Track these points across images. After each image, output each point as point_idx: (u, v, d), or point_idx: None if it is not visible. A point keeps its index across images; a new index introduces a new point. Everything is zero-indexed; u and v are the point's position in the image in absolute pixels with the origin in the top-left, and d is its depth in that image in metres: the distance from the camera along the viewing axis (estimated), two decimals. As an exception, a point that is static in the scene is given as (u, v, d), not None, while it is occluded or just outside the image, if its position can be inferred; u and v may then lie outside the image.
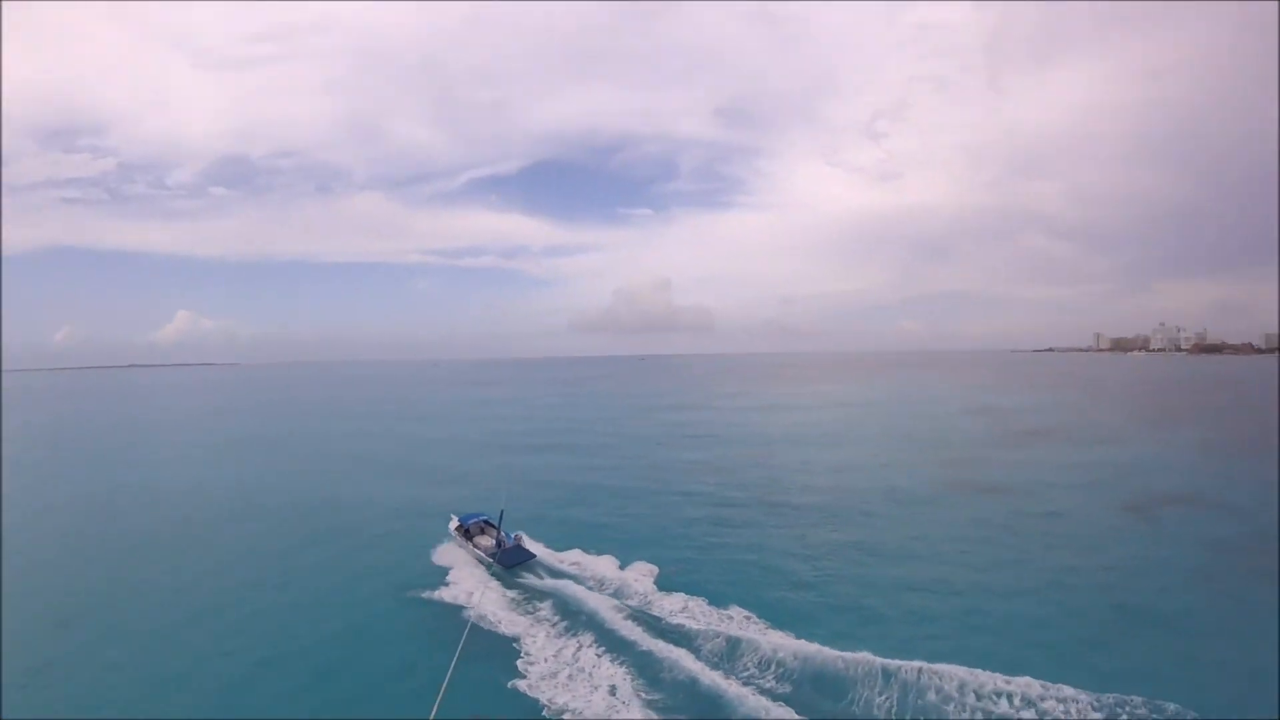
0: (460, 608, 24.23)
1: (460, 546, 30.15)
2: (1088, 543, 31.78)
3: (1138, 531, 33.76)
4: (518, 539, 28.73)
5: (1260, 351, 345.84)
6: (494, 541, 28.97)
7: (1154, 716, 16.50)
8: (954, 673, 18.33)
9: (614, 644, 21.03)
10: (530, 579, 26.75)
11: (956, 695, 17.63)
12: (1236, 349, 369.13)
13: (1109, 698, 17.18)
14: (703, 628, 21.78)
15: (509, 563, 27.19)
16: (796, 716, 16.95)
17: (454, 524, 31.89)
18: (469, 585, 26.24)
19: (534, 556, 27.89)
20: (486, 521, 31.56)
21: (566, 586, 25.55)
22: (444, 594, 25.60)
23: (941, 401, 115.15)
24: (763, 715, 17.16)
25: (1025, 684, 18.03)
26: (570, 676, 19.32)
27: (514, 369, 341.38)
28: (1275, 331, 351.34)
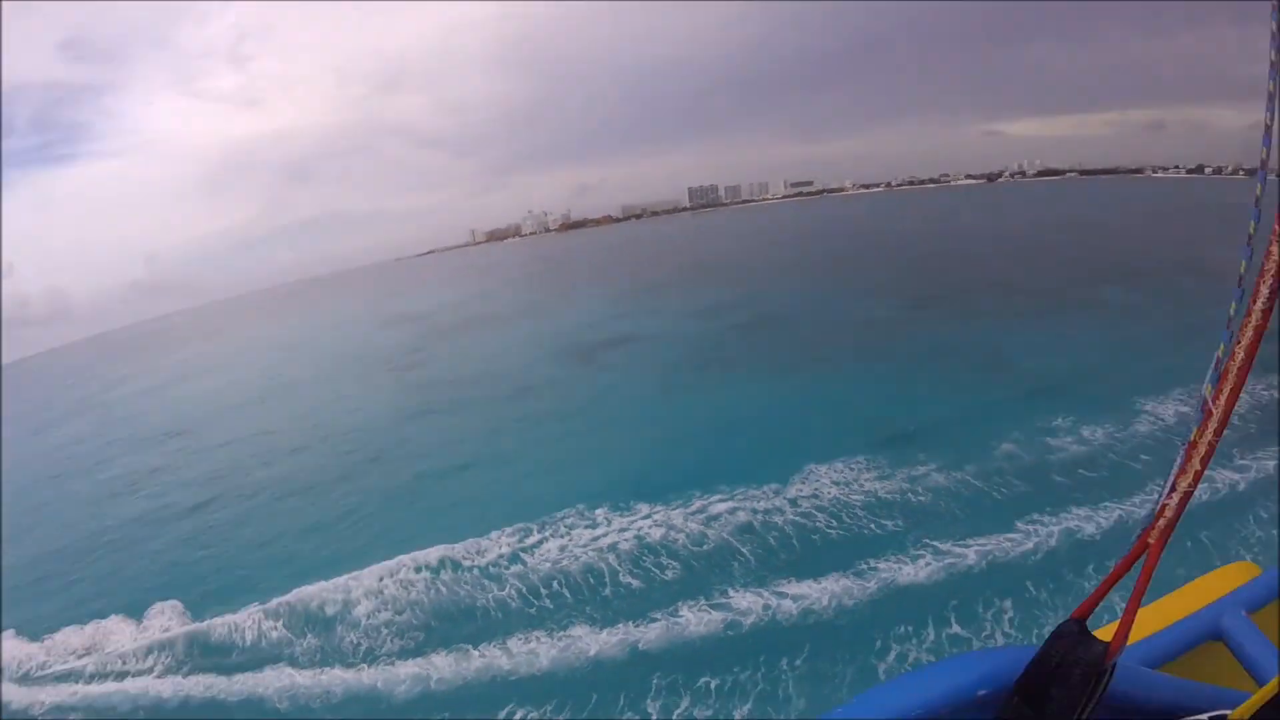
0: None
1: None
2: (564, 396, 37.75)
3: (601, 374, 42.20)
4: None
5: (617, 220, 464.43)
6: None
7: (740, 504, 21.02)
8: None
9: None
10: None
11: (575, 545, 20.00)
12: (598, 222, 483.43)
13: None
14: (290, 635, 18.30)
15: None
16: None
17: None
18: None
19: None
20: None
21: (91, 688, 18.01)
22: None
23: (357, 322, 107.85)
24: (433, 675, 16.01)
25: (602, 515, 21.38)
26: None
27: None
28: (630, 203, 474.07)
